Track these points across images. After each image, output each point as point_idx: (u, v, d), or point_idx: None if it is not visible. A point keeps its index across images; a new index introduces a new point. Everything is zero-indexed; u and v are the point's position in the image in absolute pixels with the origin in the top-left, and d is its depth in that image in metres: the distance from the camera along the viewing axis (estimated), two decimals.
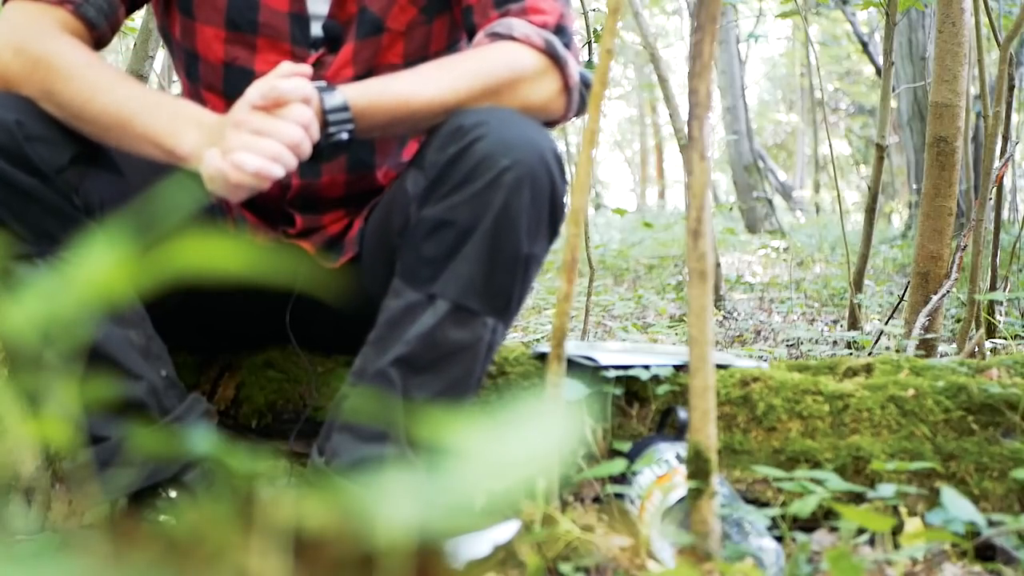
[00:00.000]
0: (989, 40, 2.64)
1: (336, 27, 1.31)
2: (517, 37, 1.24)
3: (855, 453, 1.28)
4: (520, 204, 1.12)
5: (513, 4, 1.28)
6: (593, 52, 2.42)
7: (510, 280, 1.14)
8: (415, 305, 1.14)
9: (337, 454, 1.17)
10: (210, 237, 0.37)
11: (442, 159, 1.14)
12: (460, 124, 1.14)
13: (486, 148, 1.12)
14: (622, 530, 1.09)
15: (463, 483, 0.37)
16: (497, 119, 1.14)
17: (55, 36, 1.19)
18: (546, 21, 1.27)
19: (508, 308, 1.16)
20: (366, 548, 0.41)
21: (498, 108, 1.17)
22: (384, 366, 1.15)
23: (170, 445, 1.18)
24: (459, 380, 1.16)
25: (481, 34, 1.27)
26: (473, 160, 1.12)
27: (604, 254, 5.82)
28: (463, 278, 1.13)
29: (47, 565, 0.35)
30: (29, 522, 1.25)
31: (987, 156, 2.11)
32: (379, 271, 1.30)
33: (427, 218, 1.14)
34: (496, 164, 1.11)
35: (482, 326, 1.15)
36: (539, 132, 1.16)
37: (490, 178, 1.11)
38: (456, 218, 1.12)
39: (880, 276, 4.77)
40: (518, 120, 1.16)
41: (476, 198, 1.11)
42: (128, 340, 1.19)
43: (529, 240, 1.14)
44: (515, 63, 1.23)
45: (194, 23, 1.32)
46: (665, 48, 16.66)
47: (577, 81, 1.28)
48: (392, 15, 1.32)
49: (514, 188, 1.11)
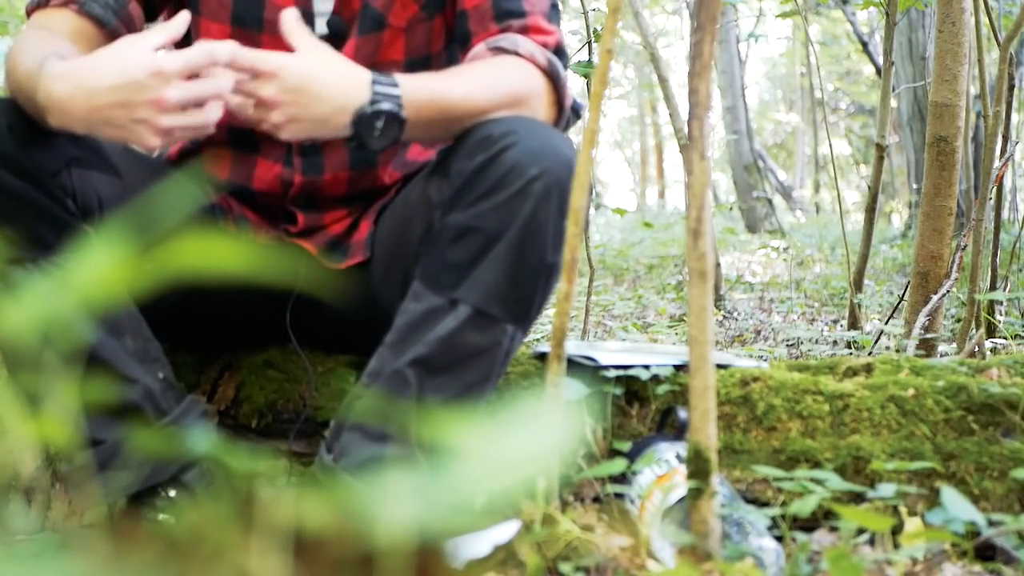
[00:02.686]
0: (989, 40, 2.64)
1: (340, 23, 1.32)
2: (523, 54, 1.25)
3: (855, 453, 1.28)
4: (547, 213, 1.13)
5: (515, 20, 1.29)
6: (593, 52, 2.41)
7: (532, 288, 1.15)
8: (437, 309, 1.15)
9: (346, 453, 1.17)
10: (210, 236, 0.37)
11: (469, 167, 1.14)
12: (489, 133, 1.15)
13: (515, 157, 1.12)
14: (622, 530, 1.09)
15: (464, 483, 0.37)
16: (525, 128, 1.15)
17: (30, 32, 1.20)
18: (547, 41, 1.29)
19: (528, 316, 1.17)
20: (366, 548, 0.41)
21: (524, 118, 1.18)
22: (401, 366, 1.15)
23: (168, 446, 1.18)
24: (475, 384, 1.17)
25: (483, 46, 1.28)
26: (502, 169, 1.12)
27: (604, 254, 5.82)
28: (487, 285, 1.13)
29: (47, 565, 0.35)
30: (29, 522, 1.25)
31: (987, 156, 2.11)
32: (393, 276, 1.30)
33: (453, 224, 1.14)
34: (525, 173, 1.12)
35: (502, 332, 1.15)
36: (565, 142, 1.17)
37: (519, 187, 1.12)
38: (483, 225, 1.12)
39: (880, 276, 4.77)
40: (545, 130, 1.17)
41: (504, 206, 1.12)
42: (123, 345, 1.19)
43: (553, 249, 1.15)
44: (528, 79, 1.25)
45: (199, 18, 1.33)
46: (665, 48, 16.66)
47: (570, 104, 1.31)
48: (394, 11, 1.33)
49: (542, 197, 1.12)
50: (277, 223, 1.42)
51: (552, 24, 1.31)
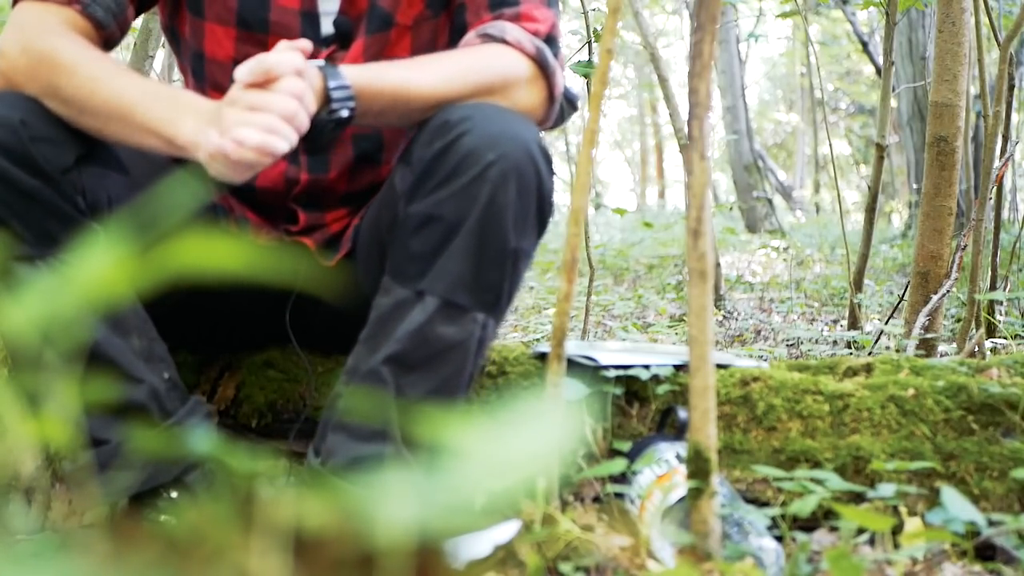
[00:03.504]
0: (989, 40, 2.64)
1: (347, 23, 1.32)
2: (509, 41, 1.25)
3: (855, 453, 1.28)
4: (506, 198, 1.12)
5: (507, 8, 1.29)
6: (593, 52, 2.41)
7: (499, 275, 1.14)
8: (404, 302, 1.14)
9: (333, 454, 1.17)
10: (211, 236, 0.37)
11: (428, 154, 1.14)
12: (446, 119, 1.14)
13: (471, 143, 1.12)
14: (622, 530, 1.09)
15: (463, 483, 0.37)
16: (482, 114, 1.14)
17: (59, 33, 1.19)
18: (538, 29, 1.28)
19: (498, 303, 1.16)
20: (366, 548, 0.41)
21: (483, 103, 1.18)
22: (376, 364, 1.15)
23: (171, 447, 1.18)
24: (451, 377, 1.16)
25: (472, 34, 1.28)
26: (459, 155, 1.12)
27: (604, 254, 5.82)
28: (451, 274, 1.12)
29: (47, 565, 0.35)
30: (29, 522, 1.25)
31: (987, 156, 2.11)
32: (372, 268, 1.30)
33: (414, 214, 1.14)
34: (481, 158, 1.11)
35: (472, 322, 1.15)
36: (524, 126, 1.16)
37: (475, 173, 1.11)
38: (442, 213, 1.12)
39: (880, 276, 4.76)
40: (503, 114, 1.16)
41: (462, 193, 1.11)
42: (129, 345, 1.19)
43: (516, 234, 1.14)
44: (508, 67, 1.24)
45: (203, 22, 1.32)
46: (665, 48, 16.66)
47: (562, 92, 1.30)
48: (401, 9, 1.33)
49: (499, 182, 1.11)
50: (278, 223, 1.42)
51: (546, 12, 1.30)
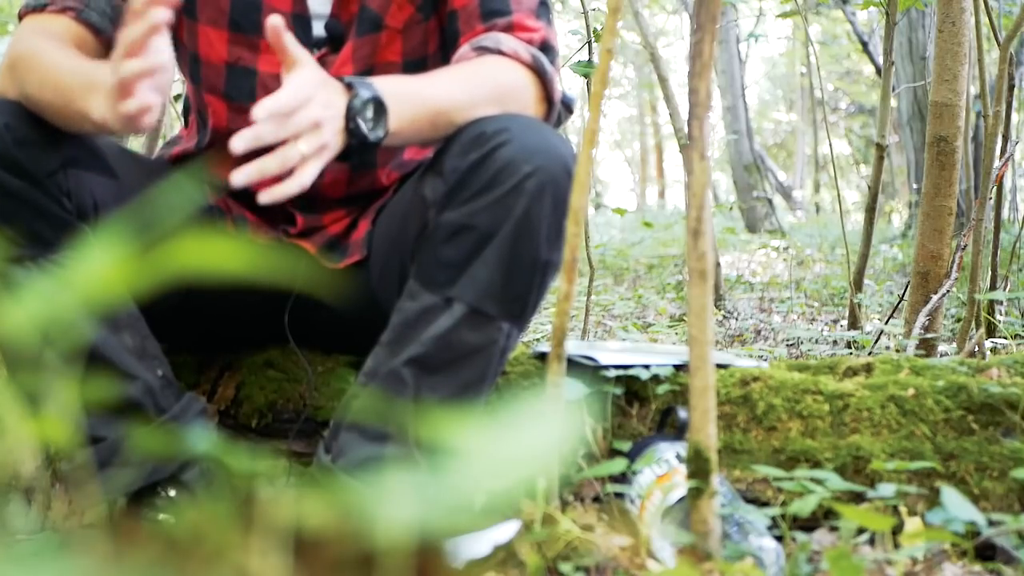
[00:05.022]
0: (989, 40, 2.64)
1: (339, 26, 1.32)
2: (505, 52, 1.25)
3: (855, 453, 1.28)
4: (541, 211, 1.12)
5: (500, 19, 1.29)
6: (593, 52, 2.41)
7: (527, 286, 1.15)
8: (432, 308, 1.15)
9: (344, 453, 1.18)
10: (209, 237, 0.37)
11: (463, 164, 1.13)
12: (482, 130, 1.14)
13: (509, 154, 1.12)
14: (622, 530, 1.09)
15: (464, 483, 0.37)
16: (519, 126, 1.14)
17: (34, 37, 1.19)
18: (532, 38, 1.29)
19: (524, 314, 1.17)
20: (366, 548, 0.41)
21: (518, 115, 1.18)
22: (397, 366, 1.15)
23: (167, 444, 1.18)
24: (472, 382, 1.17)
25: (467, 47, 1.28)
26: (496, 166, 1.12)
27: (604, 254, 5.82)
28: (481, 282, 1.13)
29: (47, 565, 0.35)
30: (29, 522, 1.25)
31: (987, 156, 2.11)
32: (390, 275, 1.30)
33: (447, 222, 1.14)
34: (519, 170, 1.11)
35: (497, 331, 1.15)
36: (559, 139, 1.17)
37: (512, 184, 1.11)
38: (476, 223, 1.12)
39: (880, 276, 4.76)
40: (539, 127, 1.16)
41: (497, 204, 1.11)
42: (122, 342, 1.19)
43: (548, 247, 1.14)
44: (509, 77, 1.25)
45: (197, 24, 1.32)
46: (665, 48, 16.67)
47: (559, 99, 1.30)
48: (391, 12, 1.33)
49: (536, 195, 1.12)
50: (276, 224, 1.42)
51: (539, 21, 1.31)
